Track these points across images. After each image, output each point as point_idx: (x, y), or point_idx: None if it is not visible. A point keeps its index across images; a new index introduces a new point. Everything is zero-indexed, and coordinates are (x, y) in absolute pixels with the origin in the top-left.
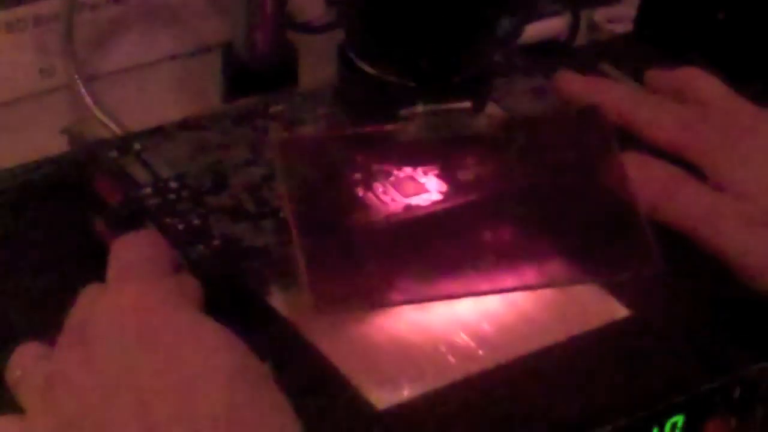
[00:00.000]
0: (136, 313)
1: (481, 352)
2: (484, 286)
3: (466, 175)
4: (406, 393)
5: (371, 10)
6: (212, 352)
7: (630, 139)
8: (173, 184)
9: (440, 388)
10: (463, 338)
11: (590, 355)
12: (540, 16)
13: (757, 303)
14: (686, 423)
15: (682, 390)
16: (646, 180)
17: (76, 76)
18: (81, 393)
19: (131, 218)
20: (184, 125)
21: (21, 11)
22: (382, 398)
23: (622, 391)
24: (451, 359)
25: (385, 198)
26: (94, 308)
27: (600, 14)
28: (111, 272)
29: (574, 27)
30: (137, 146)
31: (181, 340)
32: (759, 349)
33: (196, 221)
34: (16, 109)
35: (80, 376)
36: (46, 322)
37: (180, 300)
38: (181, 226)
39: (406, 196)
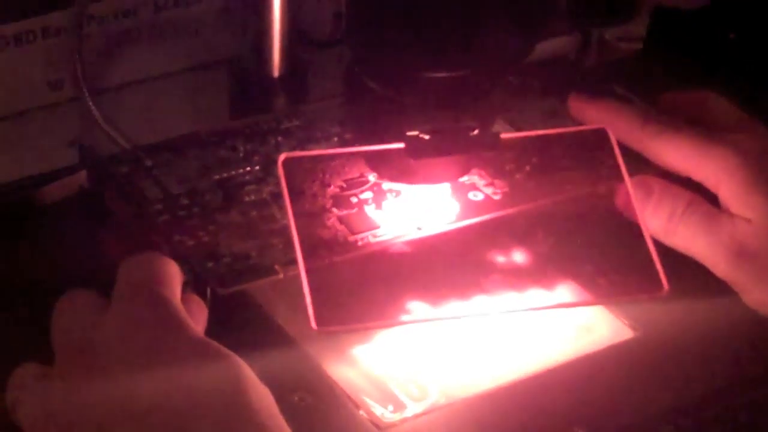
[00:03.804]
0: (140, 336)
1: (484, 371)
2: (490, 307)
3: (475, 195)
4: (410, 410)
5: (379, 27)
6: (213, 377)
7: (641, 161)
8: (184, 201)
9: (444, 406)
10: (466, 358)
11: (595, 376)
12: (550, 35)
13: (764, 325)
14: None
15: (687, 413)
16: (654, 204)
17: (85, 89)
18: (82, 414)
19: (141, 235)
20: (196, 141)
21: (29, 23)
22: (385, 415)
23: (626, 413)
24: (455, 378)
25: (393, 217)
26: (97, 329)
27: (610, 33)
28: (118, 293)
29: (584, 46)
30: (148, 162)
31: (183, 364)
32: (766, 373)
33: (205, 238)
34: (25, 121)
35: (81, 397)
36: (49, 340)
37: (185, 323)
38: (190, 243)
39: (415, 215)
